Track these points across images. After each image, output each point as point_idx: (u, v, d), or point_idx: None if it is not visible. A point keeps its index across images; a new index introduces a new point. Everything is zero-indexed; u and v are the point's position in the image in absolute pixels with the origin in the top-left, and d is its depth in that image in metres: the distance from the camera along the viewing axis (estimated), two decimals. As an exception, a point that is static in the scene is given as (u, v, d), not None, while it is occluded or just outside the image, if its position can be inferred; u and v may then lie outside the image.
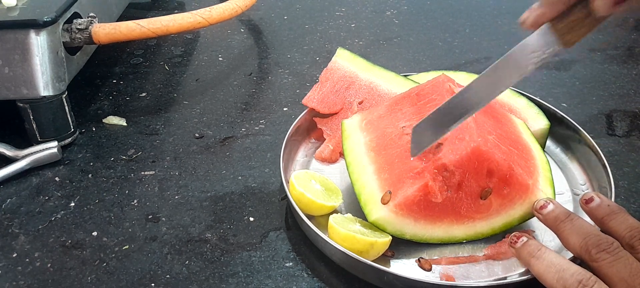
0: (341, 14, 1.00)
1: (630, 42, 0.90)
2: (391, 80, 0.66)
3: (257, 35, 0.93)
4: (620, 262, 0.40)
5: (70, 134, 0.64)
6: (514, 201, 0.51)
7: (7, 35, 0.57)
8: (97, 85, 0.77)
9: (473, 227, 0.51)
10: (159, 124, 0.69)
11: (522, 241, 0.46)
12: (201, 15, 0.67)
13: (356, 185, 0.52)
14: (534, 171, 0.53)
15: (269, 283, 0.48)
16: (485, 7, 1.03)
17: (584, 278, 0.40)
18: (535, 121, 0.62)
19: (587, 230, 0.44)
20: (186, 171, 0.61)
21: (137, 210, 0.56)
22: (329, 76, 0.67)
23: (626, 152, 0.64)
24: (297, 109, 0.71)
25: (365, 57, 0.69)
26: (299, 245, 0.52)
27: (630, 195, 0.58)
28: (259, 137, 0.67)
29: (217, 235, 0.53)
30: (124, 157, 0.64)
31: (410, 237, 0.50)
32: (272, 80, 0.79)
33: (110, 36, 0.63)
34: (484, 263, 0.50)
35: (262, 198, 0.57)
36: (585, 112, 0.71)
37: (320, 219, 0.53)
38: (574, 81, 0.79)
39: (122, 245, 0.52)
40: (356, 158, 0.55)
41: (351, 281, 0.48)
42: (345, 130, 0.58)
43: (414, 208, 0.49)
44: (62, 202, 0.57)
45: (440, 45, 0.90)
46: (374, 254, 0.48)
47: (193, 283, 0.48)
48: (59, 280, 0.48)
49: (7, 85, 0.59)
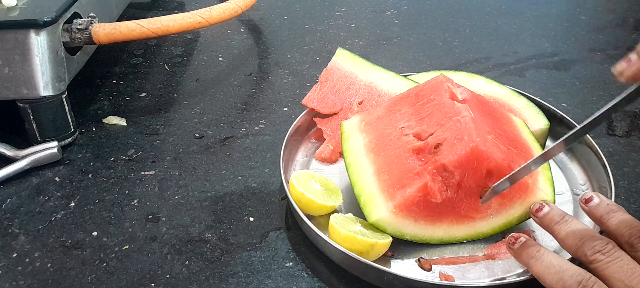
0: (341, 14, 1.00)
1: (630, 42, 0.90)
2: (391, 80, 0.66)
3: (257, 35, 0.93)
4: (616, 262, 0.40)
5: (70, 134, 0.64)
6: (514, 200, 0.51)
7: (7, 35, 0.57)
8: (97, 85, 0.77)
9: (473, 226, 0.51)
10: (159, 124, 0.69)
11: (520, 242, 0.46)
12: (201, 15, 0.67)
13: (356, 186, 0.52)
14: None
15: (269, 283, 0.48)
16: (485, 7, 1.03)
17: (584, 279, 0.40)
18: (535, 121, 0.62)
19: (582, 232, 0.44)
20: (186, 171, 0.61)
21: (137, 210, 0.56)
22: (328, 76, 0.67)
23: (626, 152, 0.64)
24: (297, 109, 0.71)
25: (365, 57, 0.69)
26: (299, 245, 0.52)
27: (630, 195, 0.58)
28: (259, 137, 0.67)
29: (217, 235, 0.53)
30: (124, 157, 0.64)
31: (410, 237, 0.50)
32: (272, 80, 0.79)
33: (110, 36, 0.63)
34: (483, 263, 0.50)
35: (262, 198, 0.57)
36: (585, 112, 0.71)
37: (320, 219, 0.53)
38: (574, 81, 0.79)
39: (122, 245, 0.52)
40: (356, 159, 0.55)
41: (351, 281, 0.48)
42: (345, 132, 0.58)
43: (414, 208, 0.49)
44: (62, 202, 0.57)
45: (440, 45, 0.90)
46: (374, 255, 0.48)
47: (193, 283, 0.48)
48: (59, 280, 0.48)
49: (7, 85, 0.59)
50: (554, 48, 0.88)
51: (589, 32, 0.93)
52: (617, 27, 0.95)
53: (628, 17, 0.98)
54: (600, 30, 0.94)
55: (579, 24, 0.97)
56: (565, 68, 0.82)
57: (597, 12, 1.01)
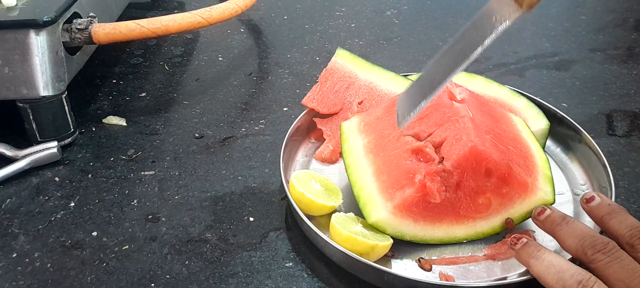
0: (341, 14, 1.00)
1: (630, 42, 0.90)
2: (391, 80, 0.66)
3: (257, 35, 0.93)
4: (617, 262, 0.40)
5: (70, 134, 0.64)
6: (514, 200, 0.51)
7: (7, 35, 0.57)
8: (97, 85, 0.77)
9: (473, 226, 0.51)
10: (159, 124, 0.69)
11: (522, 242, 0.46)
12: (201, 15, 0.67)
13: (355, 187, 0.52)
14: (533, 169, 0.53)
15: (269, 284, 0.48)
16: (485, 7, 1.03)
17: (584, 278, 0.40)
18: (535, 121, 0.62)
19: (583, 232, 0.44)
20: (186, 171, 0.61)
21: (137, 210, 0.56)
22: (328, 76, 0.67)
23: (626, 152, 0.64)
24: (297, 109, 0.71)
25: (365, 57, 0.69)
26: (299, 245, 0.52)
27: (630, 195, 0.58)
28: (259, 137, 0.67)
29: (217, 235, 0.53)
30: (123, 157, 0.64)
31: (410, 238, 0.50)
32: (272, 80, 0.79)
33: (110, 36, 0.63)
34: (483, 264, 0.50)
35: (262, 198, 0.57)
36: (585, 112, 0.71)
37: (320, 219, 0.53)
38: (574, 81, 0.79)
39: (122, 245, 0.52)
40: (355, 160, 0.55)
41: (351, 281, 0.48)
42: (344, 133, 0.58)
43: (413, 209, 0.49)
44: (62, 202, 0.57)
45: (440, 45, 0.89)
46: (375, 257, 0.48)
47: (193, 283, 0.48)
48: (59, 280, 0.48)
49: (7, 85, 0.59)
50: (554, 48, 0.88)
51: (589, 32, 0.93)
52: (617, 27, 0.95)
53: (628, 17, 0.98)
54: (600, 30, 0.94)
55: (579, 24, 0.97)
56: (565, 68, 0.82)
57: (597, 12, 1.01)
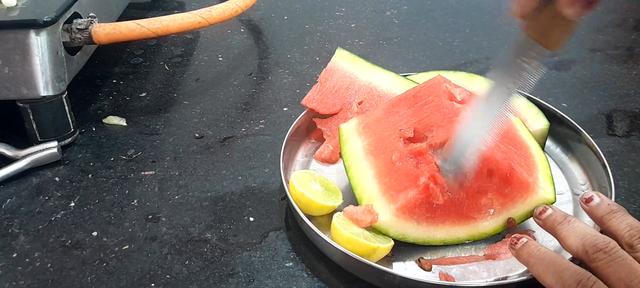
0: (341, 14, 1.00)
1: (630, 42, 0.90)
2: (391, 80, 0.66)
3: (257, 35, 0.93)
4: (618, 262, 0.40)
5: (70, 134, 0.64)
6: (516, 199, 0.51)
7: (7, 35, 0.57)
8: (97, 85, 0.77)
9: (475, 227, 0.51)
10: (159, 124, 0.69)
11: (522, 242, 0.46)
12: (201, 15, 0.67)
13: (357, 190, 0.52)
14: (533, 169, 0.53)
15: (269, 283, 0.48)
16: (485, 7, 1.03)
17: (583, 278, 0.40)
18: (535, 121, 0.62)
19: (584, 231, 0.44)
20: (186, 171, 0.61)
21: (137, 210, 0.56)
22: (328, 76, 0.66)
23: (626, 152, 0.64)
24: (297, 109, 0.71)
25: (365, 57, 0.69)
26: (299, 245, 0.52)
27: (630, 195, 0.58)
28: (259, 137, 0.67)
29: (217, 235, 0.53)
30: (124, 157, 0.64)
31: (413, 240, 0.50)
32: (272, 80, 0.79)
33: (110, 36, 0.63)
34: (484, 263, 0.50)
35: (262, 198, 0.57)
36: (585, 112, 0.71)
37: (320, 219, 0.53)
38: (574, 81, 0.79)
39: (122, 245, 0.52)
40: (355, 162, 0.55)
41: (351, 281, 0.48)
42: (343, 135, 0.58)
43: (416, 211, 0.49)
44: (62, 202, 0.57)
45: (440, 45, 0.90)
46: (375, 258, 0.48)
47: (193, 283, 0.48)
48: (59, 280, 0.48)
49: (7, 85, 0.59)
50: (554, 48, 0.88)
51: (589, 32, 0.93)
52: (617, 27, 0.95)
53: (628, 17, 0.98)
54: (600, 30, 0.94)
55: (579, 23, 0.96)
56: (565, 68, 0.82)
57: (597, 12, 1.01)
